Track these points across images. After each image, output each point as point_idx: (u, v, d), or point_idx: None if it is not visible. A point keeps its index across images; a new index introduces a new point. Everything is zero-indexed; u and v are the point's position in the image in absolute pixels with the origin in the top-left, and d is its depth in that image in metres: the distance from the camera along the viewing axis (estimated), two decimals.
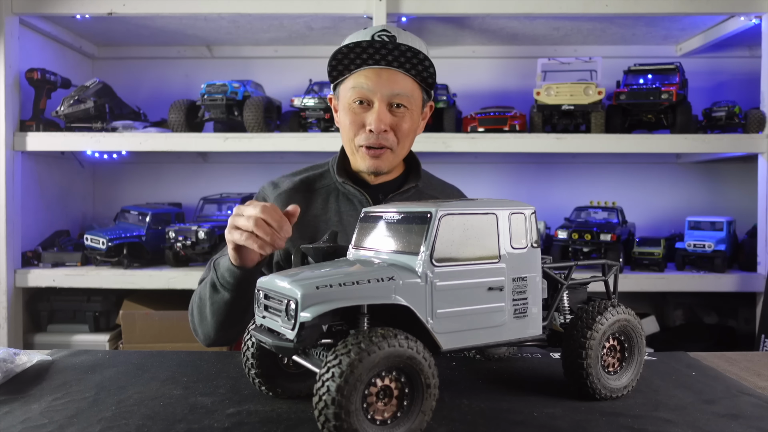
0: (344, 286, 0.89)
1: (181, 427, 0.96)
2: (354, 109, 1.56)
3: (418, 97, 1.59)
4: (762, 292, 3.00)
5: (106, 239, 3.08)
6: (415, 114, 1.60)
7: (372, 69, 1.52)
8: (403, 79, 1.53)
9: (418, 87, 1.58)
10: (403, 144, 1.60)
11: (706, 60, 3.68)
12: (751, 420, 1.01)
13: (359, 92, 1.54)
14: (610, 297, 1.18)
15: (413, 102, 1.57)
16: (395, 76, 1.52)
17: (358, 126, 1.57)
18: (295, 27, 3.38)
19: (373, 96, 1.53)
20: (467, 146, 3.06)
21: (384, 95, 1.52)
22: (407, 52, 1.47)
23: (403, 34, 1.54)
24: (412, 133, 1.62)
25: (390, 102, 1.54)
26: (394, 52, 1.48)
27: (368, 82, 1.52)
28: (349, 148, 1.63)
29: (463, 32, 3.49)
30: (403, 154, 1.66)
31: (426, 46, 1.59)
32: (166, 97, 3.43)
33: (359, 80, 1.53)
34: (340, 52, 1.50)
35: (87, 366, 1.32)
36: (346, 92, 1.57)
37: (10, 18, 3.03)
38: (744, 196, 3.44)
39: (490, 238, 0.99)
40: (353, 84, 1.54)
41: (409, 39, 1.54)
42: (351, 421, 0.80)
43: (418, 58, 1.49)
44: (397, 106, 1.54)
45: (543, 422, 0.98)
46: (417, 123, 1.63)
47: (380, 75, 1.52)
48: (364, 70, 1.53)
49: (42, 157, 3.39)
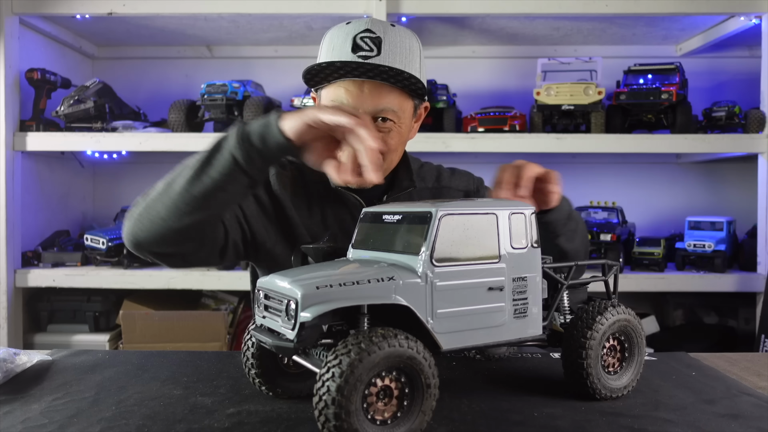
0: (344, 286, 0.89)
1: (181, 427, 0.96)
2: None
3: (407, 108, 1.42)
4: (762, 292, 3.00)
5: (106, 239, 3.08)
6: (404, 125, 1.43)
7: (353, 81, 1.35)
8: (388, 92, 1.36)
9: (407, 96, 1.41)
10: (390, 158, 1.45)
11: (706, 60, 3.68)
12: (751, 420, 1.01)
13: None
14: (610, 297, 1.18)
15: (401, 114, 1.40)
16: (379, 90, 1.35)
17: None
18: (295, 27, 3.38)
19: (355, 112, 1.36)
20: (467, 146, 3.06)
21: (366, 111, 1.34)
22: (389, 71, 1.31)
23: (391, 35, 1.36)
24: (401, 145, 1.47)
25: (374, 116, 1.37)
26: (375, 70, 1.32)
27: (349, 96, 1.35)
28: None
29: (463, 32, 3.49)
30: (391, 167, 1.51)
31: (418, 42, 1.43)
32: (166, 97, 3.43)
33: (339, 94, 1.36)
34: (313, 68, 1.34)
35: (87, 366, 1.32)
36: (326, 102, 1.40)
37: (10, 18, 3.03)
38: (744, 196, 3.44)
39: (490, 238, 0.99)
40: (333, 97, 1.37)
41: (398, 44, 1.36)
42: (351, 421, 0.80)
43: (403, 76, 1.33)
44: (383, 119, 1.38)
45: (543, 422, 0.98)
46: (407, 133, 1.47)
47: (362, 89, 1.35)
48: (344, 82, 1.35)
49: (42, 157, 3.39)
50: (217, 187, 1.18)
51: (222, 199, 1.22)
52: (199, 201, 1.20)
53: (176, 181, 1.22)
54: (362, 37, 1.34)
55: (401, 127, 1.42)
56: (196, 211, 1.21)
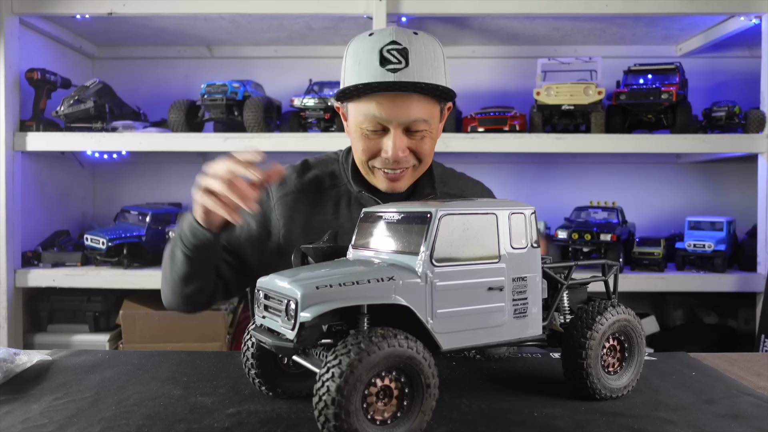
0: (344, 286, 0.89)
1: (181, 427, 0.96)
2: (367, 135, 1.44)
3: (436, 114, 1.46)
4: (762, 292, 3.00)
5: (106, 239, 3.08)
6: (435, 131, 1.48)
7: (385, 95, 1.38)
8: (418, 102, 1.40)
9: (436, 102, 1.45)
10: (425, 161, 1.51)
11: (706, 60, 3.68)
12: (751, 420, 1.01)
13: (372, 121, 1.41)
14: (610, 297, 1.18)
15: (432, 122, 1.44)
16: (411, 102, 1.39)
17: (372, 152, 1.47)
18: (295, 27, 3.38)
19: (388, 124, 1.41)
20: (467, 146, 3.06)
21: (400, 123, 1.40)
22: (422, 85, 1.35)
23: (416, 44, 1.38)
24: (432, 149, 1.51)
25: (407, 127, 1.42)
26: (410, 86, 1.36)
27: (381, 110, 1.38)
28: (364, 168, 1.53)
29: (463, 32, 3.49)
30: (424, 170, 1.55)
31: (440, 46, 1.45)
32: (166, 97, 3.43)
33: (371, 108, 1.39)
34: (348, 89, 1.38)
35: (87, 366, 1.32)
36: (356, 115, 1.44)
37: (10, 18, 3.03)
38: (744, 196, 3.44)
39: (490, 238, 0.99)
40: (365, 110, 1.41)
41: (423, 53, 1.38)
42: (351, 421, 0.80)
43: (436, 87, 1.38)
44: (416, 130, 1.43)
45: (543, 422, 0.98)
46: (437, 137, 1.52)
47: (394, 102, 1.38)
48: (375, 96, 1.39)
49: (42, 157, 3.39)
50: (188, 269, 1.45)
51: (198, 268, 1.46)
52: (183, 278, 1.47)
53: (164, 269, 1.54)
54: (389, 49, 1.36)
55: (432, 132, 1.47)
56: (188, 283, 1.48)
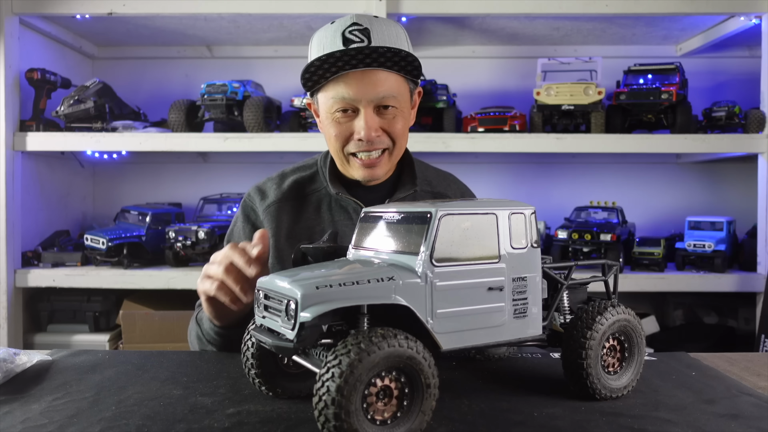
0: (344, 286, 0.89)
1: (181, 427, 0.96)
2: (338, 119, 1.45)
3: (405, 92, 1.47)
4: (762, 292, 3.00)
5: (106, 239, 3.08)
6: (406, 110, 1.49)
7: (351, 73, 1.38)
8: (386, 78, 1.41)
9: (404, 80, 1.46)
10: (399, 144, 1.51)
11: (706, 60, 3.68)
12: (751, 420, 1.01)
13: (341, 102, 1.42)
14: (610, 297, 1.18)
15: (401, 99, 1.45)
16: (378, 77, 1.40)
17: (345, 137, 1.47)
18: (295, 27, 3.38)
19: (357, 103, 1.41)
20: (467, 146, 3.06)
21: (369, 100, 1.41)
22: (387, 52, 1.36)
23: (377, 24, 1.40)
24: (406, 131, 1.52)
25: (377, 105, 1.43)
26: (372, 55, 1.36)
27: (349, 90, 1.40)
28: (339, 158, 1.53)
29: (463, 32, 3.49)
30: (400, 154, 1.56)
31: (403, 29, 1.46)
32: (166, 97, 3.43)
33: (339, 89, 1.41)
34: (312, 65, 1.39)
35: (87, 366, 1.32)
36: (326, 101, 1.45)
37: (10, 18, 3.03)
38: (744, 196, 3.45)
39: (490, 238, 0.99)
40: (333, 93, 1.42)
41: (385, 31, 1.40)
42: (351, 421, 0.80)
43: (400, 56, 1.38)
44: (385, 107, 1.43)
45: (543, 422, 0.98)
46: (408, 119, 1.52)
47: (361, 79, 1.39)
48: (342, 76, 1.39)
49: (42, 157, 3.39)
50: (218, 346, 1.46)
51: (224, 343, 1.45)
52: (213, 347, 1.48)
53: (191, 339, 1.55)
54: (351, 30, 1.38)
55: (404, 112, 1.48)
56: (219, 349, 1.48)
